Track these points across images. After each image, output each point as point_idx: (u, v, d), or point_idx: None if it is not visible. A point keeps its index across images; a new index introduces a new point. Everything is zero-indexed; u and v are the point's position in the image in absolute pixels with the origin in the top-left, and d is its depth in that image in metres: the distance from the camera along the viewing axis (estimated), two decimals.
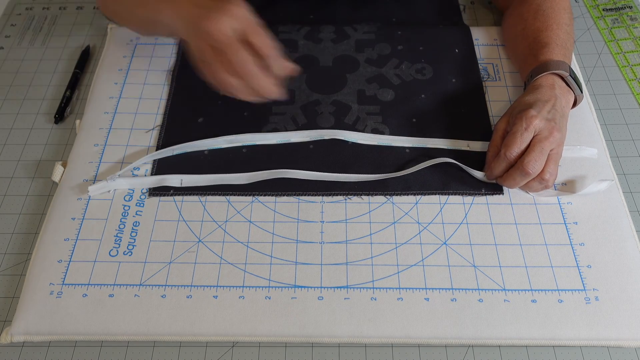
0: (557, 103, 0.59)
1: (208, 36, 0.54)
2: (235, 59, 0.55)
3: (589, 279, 0.54)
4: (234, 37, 0.54)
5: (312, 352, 0.51)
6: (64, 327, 0.52)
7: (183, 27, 0.57)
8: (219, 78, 0.56)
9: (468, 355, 0.51)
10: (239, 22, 0.55)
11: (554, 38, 0.65)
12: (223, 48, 0.54)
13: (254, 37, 0.55)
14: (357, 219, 0.59)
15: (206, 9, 0.55)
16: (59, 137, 0.68)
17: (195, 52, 0.57)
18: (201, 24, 0.54)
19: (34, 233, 0.60)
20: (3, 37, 0.81)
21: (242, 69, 0.55)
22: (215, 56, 0.55)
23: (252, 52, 0.55)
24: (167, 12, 0.58)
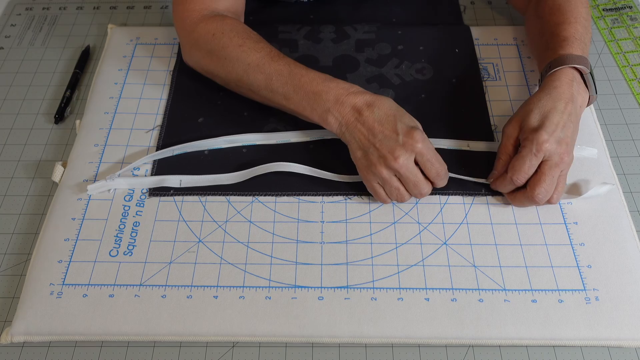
0: (573, 107, 0.57)
1: (393, 170, 0.55)
2: (412, 189, 0.57)
3: (589, 279, 0.54)
4: (417, 170, 0.56)
5: (312, 352, 0.51)
6: (64, 327, 0.52)
7: (359, 148, 0.57)
8: (392, 196, 0.57)
9: (468, 355, 0.51)
10: (420, 156, 0.55)
11: (572, 32, 0.62)
12: (404, 177, 0.56)
13: (426, 167, 0.56)
14: (357, 219, 0.59)
15: (392, 142, 0.54)
16: (59, 137, 0.68)
17: (367, 167, 0.57)
18: (388, 160, 0.54)
19: (34, 233, 0.60)
20: (3, 37, 0.81)
21: (415, 193, 0.57)
22: (390, 178, 0.56)
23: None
24: (333, 121, 0.58)
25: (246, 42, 0.63)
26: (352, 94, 0.57)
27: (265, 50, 0.62)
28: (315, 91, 0.58)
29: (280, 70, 0.60)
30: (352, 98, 0.57)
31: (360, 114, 0.56)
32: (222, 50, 0.63)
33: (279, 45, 0.75)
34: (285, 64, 0.60)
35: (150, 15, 0.83)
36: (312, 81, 0.59)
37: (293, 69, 0.60)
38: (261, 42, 0.63)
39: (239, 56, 0.62)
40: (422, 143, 0.55)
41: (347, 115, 0.57)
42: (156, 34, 0.78)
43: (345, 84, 0.59)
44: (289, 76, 0.60)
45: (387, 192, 0.57)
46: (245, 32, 0.64)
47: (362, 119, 0.56)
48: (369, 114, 0.56)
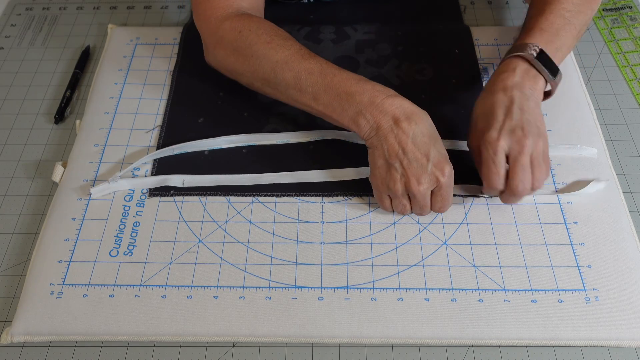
0: (519, 93, 0.56)
1: (410, 192, 0.54)
2: (415, 209, 0.57)
3: (589, 279, 0.54)
4: (429, 197, 0.55)
5: (312, 353, 0.51)
6: (64, 327, 0.52)
7: (382, 157, 0.54)
8: (397, 207, 0.57)
9: (468, 356, 0.51)
10: (438, 189, 0.54)
11: (541, 22, 0.61)
12: (415, 200, 0.55)
13: (436, 200, 0.55)
14: (357, 219, 0.59)
15: (420, 167, 0.53)
16: (59, 137, 0.68)
17: (384, 178, 0.55)
18: (411, 184, 0.53)
19: (34, 233, 0.60)
20: (3, 37, 0.81)
21: (417, 212, 0.57)
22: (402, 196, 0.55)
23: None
24: (365, 124, 0.55)
25: (274, 39, 0.60)
26: (390, 97, 0.54)
27: (295, 48, 0.59)
28: (349, 92, 0.55)
29: (311, 68, 0.57)
30: (390, 104, 0.54)
31: (398, 124, 0.53)
32: (248, 48, 0.61)
33: None
34: (316, 63, 0.58)
35: (150, 15, 0.83)
36: (344, 81, 0.56)
37: (325, 67, 0.57)
38: (290, 40, 0.61)
39: (266, 53, 0.60)
40: (447, 179, 0.53)
41: (382, 121, 0.54)
42: (156, 34, 0.78)
43: (381, 87, 0.56)
44: (320, 75, 0.57)
45: (392, 204, 0.57)
46: (273, 29, 0.62)
47: (397, 131, 0.53)
48: (407, 127, 0.53)
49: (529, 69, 0.58)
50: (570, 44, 0.62)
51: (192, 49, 0.74)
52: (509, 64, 0.59)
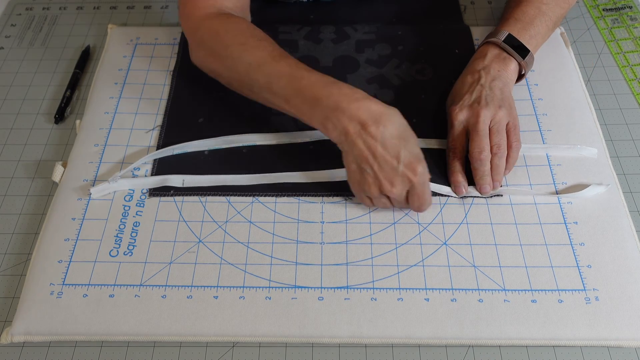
0: (486, 74, 0.61)
1: (384, 192, 0.54)
2: (397, 206, 0.57)
3: (589, 279, 0.54)
4: (404, 196, 0.55)
5: (312, 353, 0.51)
6: (64, 327, 0.52)
7: (354, 162, 0.54)
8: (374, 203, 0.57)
9: (468, 356, 0.51)
10: (412, 189, 0.54)
11: (515, 13, 0.66)
12: (392, 199, 0.56)
13: (413, 199, 0.55)
14: (357, 219, 0.59)
15: (391, 170, 0.53)
16: (59, 137, 0.68)
17: (359, 182, 0.55)
18: (383, 187, 0.53)
19: (34, 233, 0.60)
20: (3, 37, 0.81)
21: (403, 208, 0.58)
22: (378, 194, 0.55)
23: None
24: (335, 129, 0.54)
25: (249, 40, 0.60)
26: (355, 101, 0.53)
27: (268, 50, 0.59)
28: (316, 96, 0.54)
29: (281, 71, 0.57)
30: (355, 107, 0.53)
31: (365, 128, 0.52)
32: (224, 49, 0.61)
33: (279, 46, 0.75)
34: (287, 65, 0.57)
35: (150, 15, 0.83)
36: (312, 85, 0.55)
37: (295, 70, 0.57)
38: (264, 41, 0.60)
39: (240, 55, 0.60)
40: (421, 178, 0.53)
41: (349, 127, 0.53)
42: (156, 34, 0.78)
43: (348, 89, 0.54)
44: (290, 78, 0.56)
45: (373, 202, 0.57)
46: (249, 30, 0.62)
47: (365, 136, 0.52)
48: (375, 131, 0.52)
49: (499, 53, 0.64)
50: (545, 33, 0.66)
51: None
52: (482, 51, 0.65)
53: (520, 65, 0.64)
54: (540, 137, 0.65)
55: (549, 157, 0.63)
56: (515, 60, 0.64)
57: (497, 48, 0.64)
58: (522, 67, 0.64)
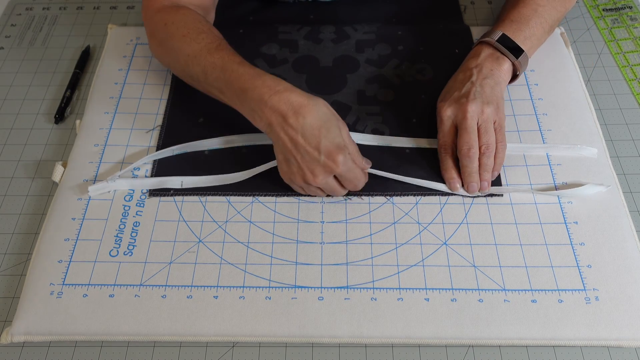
0: (478, 72, 0.62)
1: (308, 181, 0.55)
2: (330, 193, 0.58)
3: (589, 279, 0.54)
4: (334, 182, 0.56)
5: (312, 353, 0.51)
6: (64, 327, 0.52)
7: (280, 152, 0.55)
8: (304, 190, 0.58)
9: (468, 356, 0.51)
10: (339, 176, 0.55)
11: (511, 14, 0.66)
12: (321, 188, 0.57)
13: (345, 184, 0.57)
14: (357, 219, 0.59)
15: (312, 160, 0.53)
16: (59, 137, 0.68)
17: (286, 172, 0.56)
18: (307, 177, 0.54)
19: (34, 233, 0.60)
20: (3, 37, 0.81)
21: (335, 194, 0.58)
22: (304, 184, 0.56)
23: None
24: (262, 120, 0.55)
25: (190, 32, 0.61)
26: (277, 93, 0.54)
27: (205, 41, 0.60)
28: (243, 88, 0.56)
29: (214, 63, 0.58)
30: (277, 99, 0.53)
31: (285, 119, 0.53)
32: (169, 40, 0.63)
33: (279, 46, 0.75)
34: (220, 57, 0.58)
35: None
36: (240, 77, 0.56)
37: (227, 63, 0.58)
38: (205, 33, 0.61)
39: (180, 47, 0.61)
40: (343, 166, 0.54)
41: (271, 118, 0.54)
42: None
43: (272, 81, 0.55)
44: (222, 70, 0.58)
45: (305, 190, 0.58)
46: (193, 22, 0.63)
47: (285, 126, 0.53)
48: (294, 122, 0.53)
49: (493, 53, 0.64)
50: (541, 35, 0.66)
51: None
52: (476, 51, 0.66)
53: (514, 65, 0.64)
54: (540, 137, 0.65)
55: (549, 157, 0.63)
56: (509, 60, 0.64)
57: (491, 48, 0.64)
58: (516, 68, 0.64)
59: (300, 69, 0.72)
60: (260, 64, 0.73)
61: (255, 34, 0.76)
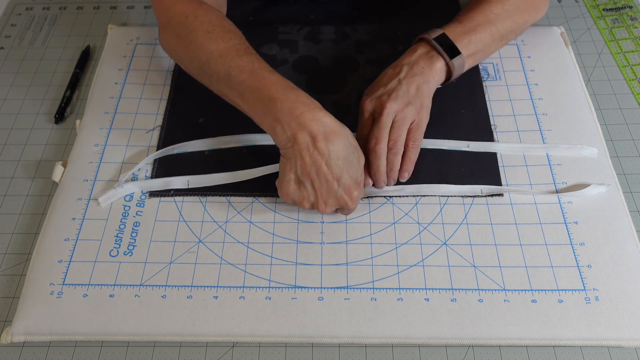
0: (408, 68, 0.60)
1: (316, 209, 0.55)
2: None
3: (589, 279, 0.54)
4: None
5: (312, 353, 0.51)
6: (64, 327, 0.52)
7: (294, 172, 0.54)
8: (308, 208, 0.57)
9: (468, 356, 0.51)
10: (344, 207, 0.55)
11: (462, 17, 0.64)
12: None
13: (343, 213, 0.57)
14: (357, 219, 0.59)
15: (329, 190, 0.53)
16: (59, 137, 0.68)
17: (294, 191, 0.55)
18: (318, 205, 0.54)
19: (34, 233, 0.60)
20: (3, 37, 0.81)
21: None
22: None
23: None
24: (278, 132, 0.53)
25: (215, 29, 0.59)
26: (310, 111, 0.52)
27: (233, 42, 0.58)
28: (272, 97, 0.53)
29: (242, 66, 0.56)
30: (310, 118, 0.52)
31: (315, 142, 0.51)
32: (190, 34, 0.60)
33: (279, 46, 0.75)
34: (249, 61, 0.56)
35: (150, 15, 0.83)
36: (271, 85, 0.54)
37: (256, 68, 0.56)
38: (231, 33, 0.60)
39: (204, 42, 0.59)
40: (355, 204, 0.54)
41: (299, 135, 0.52)
42: (156, 34, 0.77)
43: (306, 98, 0.53)
44: (250, 74, 0.55)
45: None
46: (218, 19, 0.61)
47: (312, 150, 0.52)
48: (323, 147, 0.51)
49: (429, 51, 0.62)
50: (490, 43, 0.65)
51: None
52: (414, 47, 0.63)
53: (448, 66, 0.61)
54: (540, 137, 0.65)
55: (549, 157, 0.63)
56: (443, 60, 0.61)
57: (428, 46, 0.62)
58: (450, 69, 0.62)
59: (300, 69, 0.72)
60: None
61: (255, 34, 0.76)
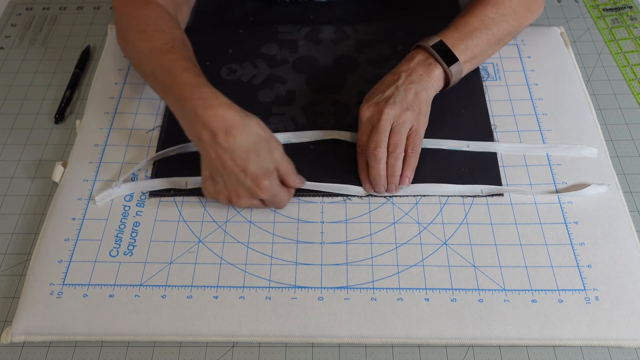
0: (406, 76, 0.60)
1: (232, 202, 0.55)
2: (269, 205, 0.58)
3: (589, 279, 0.54)
4: (258, 202, 0.56)
5: (312, 353, 0.51)
6: (64, 327, 0.52)
7: (206, 169, 0.55)
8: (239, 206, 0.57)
9: (468, 356, 0.51)
10: (264, 199, 0.55)
11: (458, 22, 0.64)
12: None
13: (270, 205, 0.57)
14: (357, 219, 0.59)
15: (238, 183, 0.53)
16: (59, 137, 0.68)
17: (210, 186, 0.56)
18: (231, 198, 0.55)
19: (34, 233, 0.60)
20: (3, 37, 0.81)
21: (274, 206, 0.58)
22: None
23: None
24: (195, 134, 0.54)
25: (148, 28, 0.60)
26: (211, 108, 0.52)
27: (160, 41, 0.59)
28: (181, 96, 0.54)
29: (163, 65, 0.57)
30: (210, 114, 0.52)
31: (215, 137, 0.52)
32: (126, 33, 0.62)
33: (279, 46, 0.75)
34: (170, 60, 0.57)
35: None
36: (183, 84, 0.55)
37: (173, 67, 0.56)
38: (162, 32, 0.60)
39: (136, 41, 0.60)
40: (267, 192, 0.54)
41: (202, 133, 0.52)
42: None
43: (209, 94, 0.54)
44: (168, 74, 0.56)
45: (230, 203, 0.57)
46: (154, 19, 0.62)
47: (214, 144, 0.52)
48: (224, 142, 0.51)
49: (426, 58, 0.62)
50: (486, 47, 0.65)
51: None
52: (412, 54, 0.64)
53: (446, 73, 0.62)
54: (541, 137, 0.65)
55: (549, 157, 0.63)
56: (441, 67, 0.61)
57: (426, 53, 0.62)
58: (448, 76, 0.62)
59: (300, 69, 0.72)
60: (260, 64, 0.73)
61: (255, 34, 0.76)
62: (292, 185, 0.57)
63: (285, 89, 0.70)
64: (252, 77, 0.72)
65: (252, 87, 0.70)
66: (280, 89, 0.70)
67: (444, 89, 0.64)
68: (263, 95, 0.69)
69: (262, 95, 0.69)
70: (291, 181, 0.56)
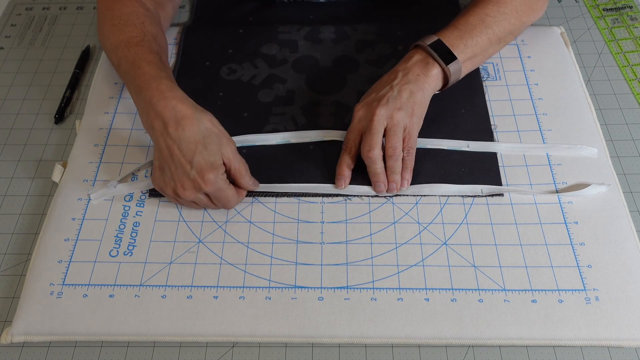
0: (403, 75, 0.60)
1: (178, 194, 0.55)
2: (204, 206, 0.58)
3: (589, 279, 0.54)
4: (205, 198, 0.56)
5: (312, 353, 0.51)
6: (64, 327, 0.52)
7: (157, 159, 0.56)
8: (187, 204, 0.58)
9: (468, 356, 0.51)
10: (209, 193, 0.55)
11: (457, 21, 0.64)
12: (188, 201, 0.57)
13: (215, 201, 0.57)
14: (357, 219, 0.59)
15: (183, 173, 0.53)
16: (59, 137, 0.68)
17: (159, 178, 0.56)
18: (177, 189, 0.55)
19: (34, 233, 0.60)
20: (3, 37, 0.81)
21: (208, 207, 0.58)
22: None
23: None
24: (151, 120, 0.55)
25: (120, 22, 0.62)
26: (165, 99, 0.54)
27: (129, 35, 0.60)
28: (140, 86, 0.56)
29: (128, 57, 0.58)
30: (163, 105, 0.53)
31: (166, 127, 0.53)
32: (102, 26, 0.64)
33: (279, 46, 0.75)
34: (135, 53, 0.58)
35: None
36: (142, 76, 0.56)
37: (138, 59, 0.58)
38: (132, 26, 0.61)
39: (107, 34, 0.62)
40: (211, 186, 0.54)
41: (155, 123, 0.54)
42: None
43: (165, 86, 0.55)
44: (131, 66, 0.58)
45: (178, 200, 0.58)
46: (129, 14, 0.63)
47: (164, 135, 0.53)
48: (174, 133, 0.53)
49: (425, 57, 0.62)
50: (486, 46, 0.64)
51: (191, 49, 0.74)
52: (410, 54, 0.63)
53: (444, 72, 0.61)
54: (541, 137, 0.65)
55: (549, 157, 0.63)
56: (439, 66, 0.61)
57: (424, 52, 0.62)
58: (447, 75, 0.62)
59: (300, 69, 0.72)
60: (260, 64, 0.73)
61: (255, 34, 0.76)
62: (244, 186, 0.57)
63: (285, 89, 0.70)
64: (252, 77, 0.72)
65: (252, 87, 0.70)
66: (280, 89, 0.70)
67: (443, 89, 0.64)
68: (263, 95, 0.69)
69: (262, 95, 0.70)
70: (243, 182, 0.57)
